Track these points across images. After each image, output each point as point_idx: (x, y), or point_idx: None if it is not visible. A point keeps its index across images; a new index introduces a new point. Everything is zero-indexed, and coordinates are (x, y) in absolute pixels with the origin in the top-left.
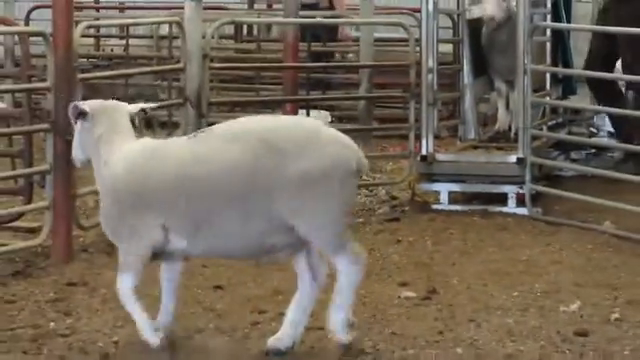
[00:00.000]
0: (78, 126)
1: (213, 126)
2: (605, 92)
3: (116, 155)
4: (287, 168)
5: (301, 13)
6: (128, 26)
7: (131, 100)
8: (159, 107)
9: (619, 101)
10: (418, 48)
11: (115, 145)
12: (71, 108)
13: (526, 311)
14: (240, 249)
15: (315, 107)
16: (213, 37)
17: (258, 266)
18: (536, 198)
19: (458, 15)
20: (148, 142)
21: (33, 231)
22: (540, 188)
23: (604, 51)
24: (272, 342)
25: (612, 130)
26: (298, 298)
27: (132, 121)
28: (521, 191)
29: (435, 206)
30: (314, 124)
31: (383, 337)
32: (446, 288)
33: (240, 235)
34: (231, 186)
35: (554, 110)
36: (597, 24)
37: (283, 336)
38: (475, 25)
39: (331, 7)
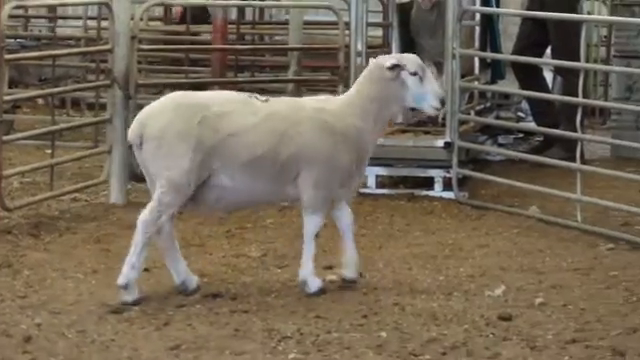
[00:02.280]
0: None
1: None
2: (530, 78)
3: None
4: None
5: None
6: (56, 7)
7: (58, 81)
8: (87, 88)
9: (541, 88)
10: (347, 31)
11: None
12: None
13: (451, 295)
14: None
15: (243, 89)
16: (142, 19)
17: (184, 248)
18: (463, 182)
19: None
20: None
21: None
22: (467, 172)
23: (533, 37)
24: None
25: None
26: None
27: None
28: (448, 175)
29: (362, 190)
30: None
31: (307, 320)
32: (371, 272)
33: None
34: None
35: (482, 94)
36: (526, 9)
37: None
38: (404, 9)
39: None
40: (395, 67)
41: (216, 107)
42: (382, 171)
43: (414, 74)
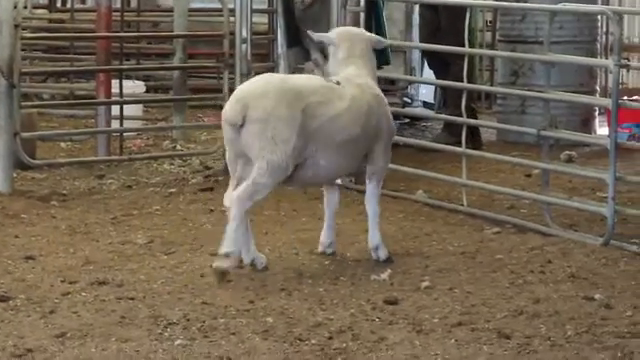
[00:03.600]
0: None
1: None
2: (438, 63)
3: None
4: None
5: None
6: None
7: None
8: None
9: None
10: (232, 18)
11: None
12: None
13: (337, 280)
14: None
15: (129, 77)
16: (25, 7)
17: (70, 236)
18: None
19: None
20: None
21: None
22: None
23: (434, 23)
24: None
25: (426, 100)
26: None
27: None
28: None
29: None
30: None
31: (193, 307)
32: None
33: None
34: None
35: None
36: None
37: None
38: None
39: None
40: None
41: (315, 95)
42: None
43: None
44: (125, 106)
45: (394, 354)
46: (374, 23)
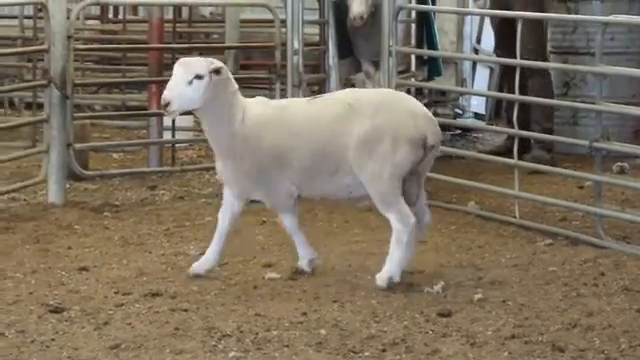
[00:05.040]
0: (207, 80)
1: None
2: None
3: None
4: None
5: None
6: None
7: None
8: (24, 88)
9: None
10: (284, 29)
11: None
12: (204, 62)
13: (390, 292)
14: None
15: None
16: (78, 18)
17: (123, 247)
18: None
19: None
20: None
21: None
22: None
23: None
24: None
25: (478, 111)
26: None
27: None
28: None
29: None
30: (397, 94)
31: (247, 318)
32: (311, 269)
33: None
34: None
35: (419, 91)
36: (491, 7)
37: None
38: (341, 6)
39: None
40: None
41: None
42: None
43: None
44: (177, 117)
45: None
46: (425, 34)
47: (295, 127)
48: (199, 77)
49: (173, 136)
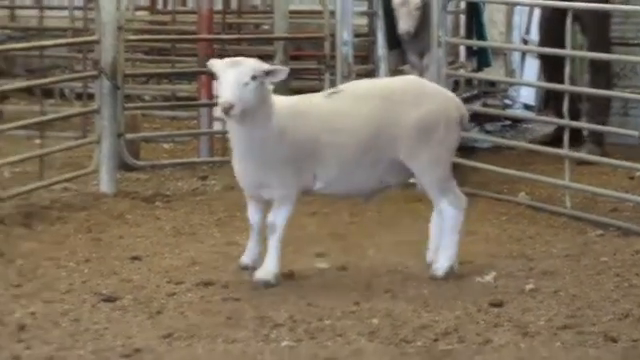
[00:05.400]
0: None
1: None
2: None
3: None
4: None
5: None
6: None
7: (46, 71)
8: (74, 79)
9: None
10: (333, 20)
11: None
12: (255, 62)
13: (441, 281)
14: (364, 188)
15: None
16: (128, 9)
17: (175, 237)
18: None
19: None
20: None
21: None
22: (455, 159)
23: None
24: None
25: (527, 102)
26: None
27: None
28: None
29: None
30: (418, 80)
31: (299, 308)
32: (362, 259)
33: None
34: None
35: (469, 82)
36: None
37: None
38: None
39: None
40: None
41: None
42: None
43: (217, 77)
44: None
45: (500, 356)
46: (475, 25)
47: (333, 122)
48: (254, 78)
49: (223, 126)
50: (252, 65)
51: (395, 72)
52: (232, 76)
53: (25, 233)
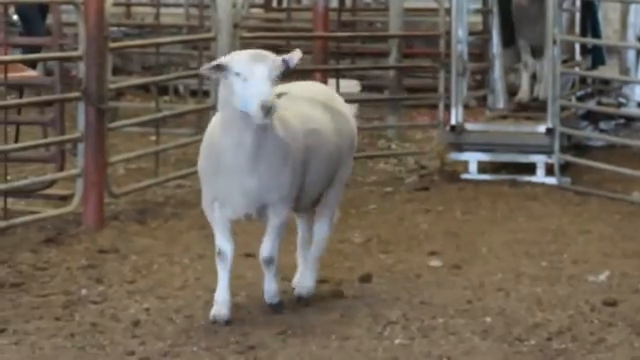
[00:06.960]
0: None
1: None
2: None
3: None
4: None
5: None
6: None
7: (161, 68)
8: (190, 76)
9: None
10: (448, 18)
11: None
12: (276, 57)
13: (555, 280)
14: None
15: (344, 76)
16: (243, 6)
17: (288, 234)
18: (565, 168)
19: None
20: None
21: (65, 199)
22: (569, 158)
23: None
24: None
25: None
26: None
27: None
28: (550, 161)
29: (464, 176)
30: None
31: (412, 306)
32: (475, 257)
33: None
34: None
35: (583, 80)
36: None
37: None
38: None
39: None
40: (217, 68)
41: None
42: (484, 157)
43: (237, 74)
44: None
45: (613, 356)
46: (589, 23)
47: (313, 125)
48: (279, 75)
49: None
50: (275, 57)
51: (510, 70)
52: (263, 71)
53: (139, 230)
